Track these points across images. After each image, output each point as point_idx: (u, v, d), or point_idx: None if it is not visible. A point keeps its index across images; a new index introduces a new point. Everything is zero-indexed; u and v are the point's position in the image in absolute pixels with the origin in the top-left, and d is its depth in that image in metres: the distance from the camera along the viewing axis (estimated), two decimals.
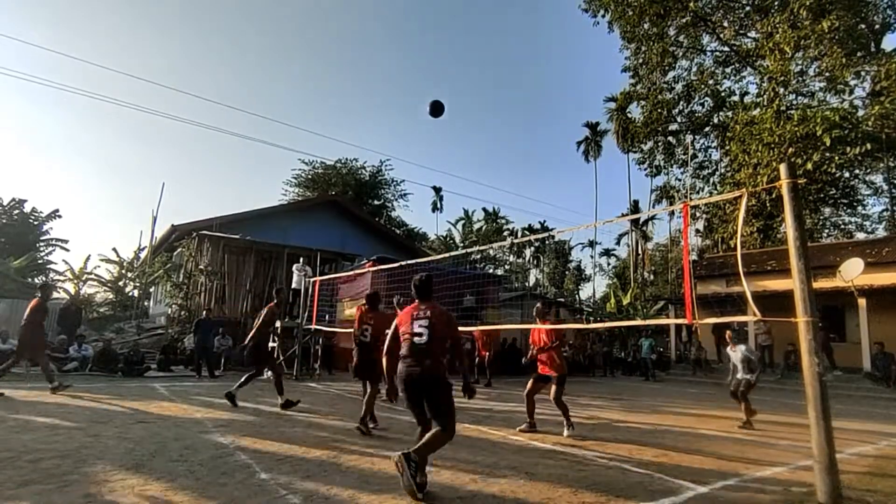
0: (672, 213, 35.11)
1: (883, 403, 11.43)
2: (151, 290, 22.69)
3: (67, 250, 21.95)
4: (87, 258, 23.77)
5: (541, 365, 6.36)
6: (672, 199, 32.25)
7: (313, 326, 12.25)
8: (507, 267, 47.88)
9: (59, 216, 22.18)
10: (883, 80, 21.69)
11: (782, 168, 3.96)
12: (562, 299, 35.99)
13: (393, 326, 4.15)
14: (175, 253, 19.83)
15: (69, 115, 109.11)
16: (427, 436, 3.64)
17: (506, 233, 47.74)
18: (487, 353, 13.11)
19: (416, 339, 3.80)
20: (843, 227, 27.86)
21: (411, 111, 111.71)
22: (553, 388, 6.16)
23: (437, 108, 6.24)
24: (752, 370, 7.48)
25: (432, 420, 3.75)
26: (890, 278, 15.59)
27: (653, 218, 46.21)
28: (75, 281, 23.19)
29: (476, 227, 47.13)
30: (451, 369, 3.91)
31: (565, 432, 6.01)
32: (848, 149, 20.82)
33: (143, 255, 22.64)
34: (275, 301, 7.97)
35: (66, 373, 10.46)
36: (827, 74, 23.32)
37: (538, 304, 6.80)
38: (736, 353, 7.72)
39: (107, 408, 6.59)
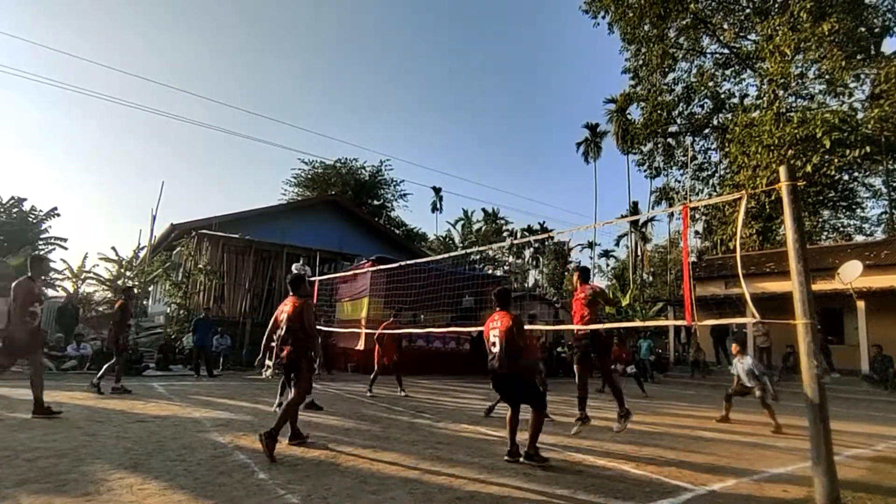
0: (671, 215, 35.20)
1: (881, 406, 11.45)
2: (150, 288, 22.64)
3: (66, 248, 21.77)
4: (86, 256, 23.49)
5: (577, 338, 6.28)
6: (671, 200, 32.31)
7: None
8: (506, 268, 47.89)
9: (58, 214, 22.02)
10: (882, 83, 21.72)
11: (782, 170, 3.97)
12: (562, 300, 35.99)
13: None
14: (174, 252, 19.80)
15: (68, 113, 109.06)
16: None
17: (505, 233, 47.77)
18: None
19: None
20: (841, 229, 27.90)
21: (412, 111, 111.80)
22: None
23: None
24: (760, 381, 7.46)
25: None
26: (888, 281, 15.62)
27: (652, 219, 46.33)
28: (74, 279, 23.13)
29: (475, 227, 47.13)
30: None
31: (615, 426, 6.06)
32: (847, 151, 20.85)
33: (142, 254, 22.60)
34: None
35: (64, 371, 10.45)
36: (827, 77, 23.34)
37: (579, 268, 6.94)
38: (742, 365, 7.71)
39: (105, 407, 6.58)
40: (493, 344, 4.73)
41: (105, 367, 8.03)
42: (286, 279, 4.63)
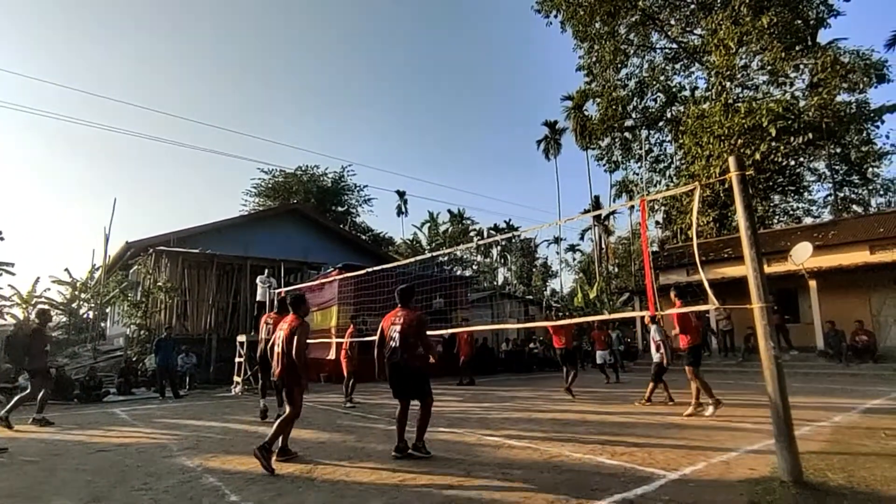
0: (632, 208, 36.04)
1: (837, 379, 12.02)
2: (107, 310, 21.75)
3: (13, 274, 20.67)
4: (37, 281, 22.39)
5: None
6: (631, 192, 33.11)
7: None
8: (475, 267, 48.11)
9: (2, 238, 20.93)
10: (820, 72, 22.89)
11: (731, 160, 4.11)
12: (531, 297, 36.44)
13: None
14: (131, 271, 19.08)
15: (7, 131, 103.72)
16: None
17: (472, 233, 47.94)
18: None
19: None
20: (791, 213, 29.20)
21: (370, 115, 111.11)
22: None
23: None
24: (659, 351, 7.86)
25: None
26: (837, 260, 16.40)
27: (614, 213, 47.35)
28: (24, 306, 21.99)
29: (442, 229, 47.14)
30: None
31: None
32: (792, 138, 21.88)
33: (97, 274, 21.66)
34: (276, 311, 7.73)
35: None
36: (769, 68, 24.46)
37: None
38: (650, 333, 8.13)
39: (62, 438, 6.26)
40: (392, 339, 4.89)
41: (17, 398, 7.57)
42: (285, 298, 5.05)
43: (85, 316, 22.30)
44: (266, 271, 13.78)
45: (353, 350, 9.82)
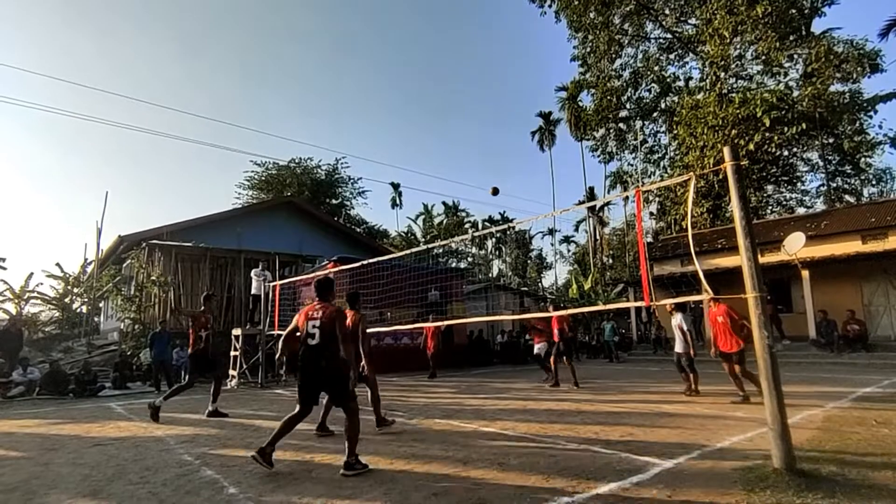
0: (626, 199, 36.12)
1: (828, 368, 12.14)
2: (101, 305, 21.64)
3: (4, 269, 20.51)
4: (30, 276, 22.24)
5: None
6: (625, 184, 33.16)
7: (276, 332, 11.98)
8: (469, 259, 48.15)
9: None
10: (814, 62, 22.92)
11: (726, 151, 4.11)
12: (525, 288, 36.51)
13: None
14: (124, 265, 18.96)
15: None
16: None
17: (467, 225, 47.94)
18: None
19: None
20: (785, 203, 29.33)
21: (364, 108, 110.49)
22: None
23: None
24: (683, 337, 7.88)
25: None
26: (829, 250, 16.54)
27: (608, 204, 47.46)
28: (16, 300, 21.86)
29: (437, 221, 47.12)
30: None
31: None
32: (785, 129, 21.94)
33: (89, 268, 21.52)
34: (202, 308, 7.74)
35: (10, 399, 9.87)
36: (763, 58, 24.45)
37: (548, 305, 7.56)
38: (674, 319, 8.10)
39: (58, 433, 6.24)
40: (312, 336, 4.33)
41: None
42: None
43: (78, 310, 22.19)
44: (261, 264, 13.74)
45: None
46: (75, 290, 22.51)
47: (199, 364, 7.38)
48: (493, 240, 51.80)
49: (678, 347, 8.28)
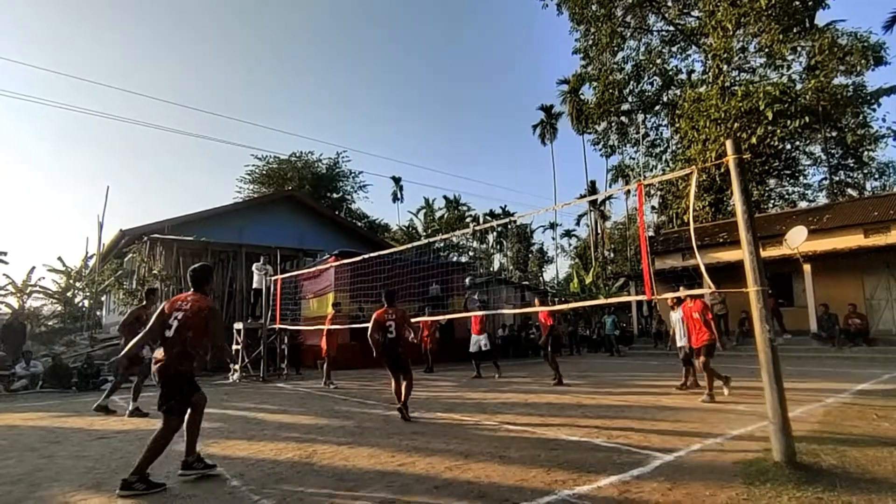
0: (628, 192, 36.03)
1: (829, 362, 12.16)
2: (103, 299, 21.68)
3: (6, 263, 20.53)
4: (32, 270, 22.25)
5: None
6: (627, 177, 33.10)
7: (277, 326, 12.01)
8: (470, 253, 48.13)
9: None
10: (817, 54, 22.77)
11: (728, 144, 4.09)
12: (526, 282, 36.51)
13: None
14: (126, 259, 19.00)
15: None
16: None
17: (468, 219, 47.87)
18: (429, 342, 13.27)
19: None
20: (787, 196, 29.25)
21: (365, 102, 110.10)
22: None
23: None
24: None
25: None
26: (831, 244, 16.50)
27: (610, 198, 47.33)
28: (18, 294, 21.91)
29: (438, 215, 47.05)
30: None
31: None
32: (788, 122, 21.81)
33: (91, 262, 21.55)
34: (143, 303, 7.66)
35: (14, 392, 9.92)
36: (766, 50, 24.28)
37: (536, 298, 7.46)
38: (677, 314, 8.06)
39: (61, 426, 6.28)
40: (170, 328, 3.78)
41: None
42: (381, 291, 6.44)
43: (80, 304, 22.24)
44: (262, 258, 13.74)
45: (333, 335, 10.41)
46: (77, 284, 22.55)
47: (133, 361, 7.12)
48: (495, 234, 51.79)
49: (681, 341, 8.22)
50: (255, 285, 13.36)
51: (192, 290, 4.09)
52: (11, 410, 7.67)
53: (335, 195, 32.88)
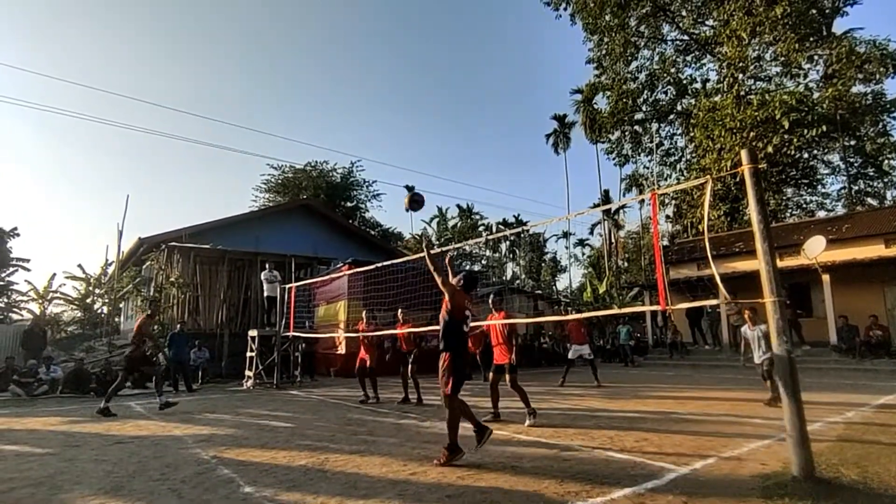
0: (642, 202, 35.78)
1: (849, 374, 11.90)
2: (121, 305, 22.05)
3: (29, 270, 20.97)
4: (53, 276, 22.74)
5: (497, 355, 6.74)
6: (641, 187, 32.87)
7: (291, 333, 12.11)
8: (483, 262, 48.09)
9: (17, 234, 21.17)
10: (835, 62, 22.53)
11: (743, 154, 4.07)
12: (539, 291, 36.34)
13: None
14: (144, 266, 19.32)
15: (20, 127, 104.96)
16: None
17: (481, 228, 47.89)
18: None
19: None
20: (804, 206, 28.82)
21: (380, 111, 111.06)
22: (507, 375, 6.54)
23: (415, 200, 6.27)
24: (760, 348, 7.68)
25: None
26: (850, 254, 16.20)
27: (623, 207, 47.05)
28: (40, 301, 22.38)
29: (451, 223, 47.15)
30: None
31: (527, 421, 6.24)
32: (805, 131, 21.56)
33: (110, 270, 21.96)
34: (148, 312, 8.38)
35: (36, 397, 10.12)
36: (782, 59, 24.10)
37: (492, 296, 7.01)
38: (755, 332, 7.75)
39: (81, 430, 6.39)
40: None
41: None
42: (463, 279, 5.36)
43: (99, 311, 22.65)
44: (268, 265, 13.86)
45: (371, 344, 10.02)
46: (96, 291, 23.00)
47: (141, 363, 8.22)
48: (507, 243, 51.69)
49: (760, 357, 7.71)
50: (266, 293, 13.50)
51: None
52: (34, 415, 7.82)
53: (349, 204, 33.15)
